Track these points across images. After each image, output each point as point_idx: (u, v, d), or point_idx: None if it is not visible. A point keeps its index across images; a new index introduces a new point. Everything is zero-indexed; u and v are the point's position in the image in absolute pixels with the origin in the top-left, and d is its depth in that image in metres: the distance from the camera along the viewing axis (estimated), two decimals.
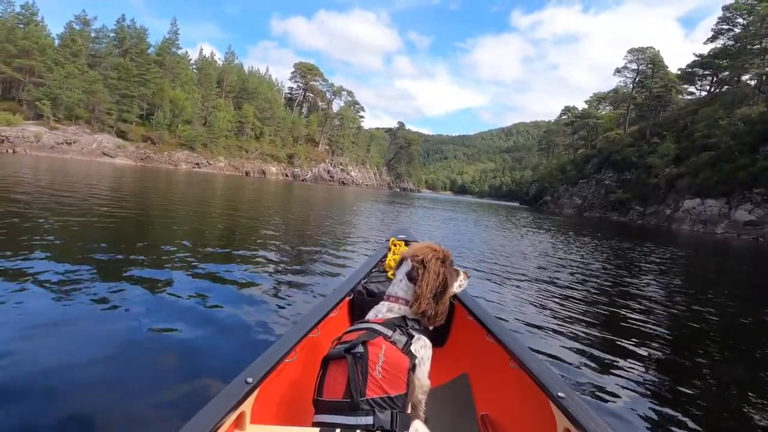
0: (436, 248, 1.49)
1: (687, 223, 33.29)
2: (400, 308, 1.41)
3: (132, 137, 48.21)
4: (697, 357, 3.51)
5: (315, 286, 4.35)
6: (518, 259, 8.04)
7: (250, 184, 31.74)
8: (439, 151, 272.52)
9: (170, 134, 52.91)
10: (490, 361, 1.80)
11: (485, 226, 16.92)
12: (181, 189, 18.19)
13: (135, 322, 2.86)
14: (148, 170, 34.56)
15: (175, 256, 4.93)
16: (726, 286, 8.04)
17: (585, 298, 5.22)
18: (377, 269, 2.47)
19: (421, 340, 1.35)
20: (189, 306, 3.30)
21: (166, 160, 49.00)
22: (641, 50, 52.34)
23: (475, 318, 1.90)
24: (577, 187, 55.16)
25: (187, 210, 10.42)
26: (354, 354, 1.20)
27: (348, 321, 2.16)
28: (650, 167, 43.02)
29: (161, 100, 52.36)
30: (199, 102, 60.13)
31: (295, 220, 11.11)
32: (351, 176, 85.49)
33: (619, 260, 9.60)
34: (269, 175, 63.85)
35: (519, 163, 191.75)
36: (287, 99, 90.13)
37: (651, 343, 3.66)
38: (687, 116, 44.82)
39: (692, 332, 4.28)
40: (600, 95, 68.04)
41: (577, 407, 1.17)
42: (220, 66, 72.10)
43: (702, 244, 20.29)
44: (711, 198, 32.99)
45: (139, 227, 7.07)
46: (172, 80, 56.51)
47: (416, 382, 1.32)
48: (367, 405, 1.13)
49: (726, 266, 11.77)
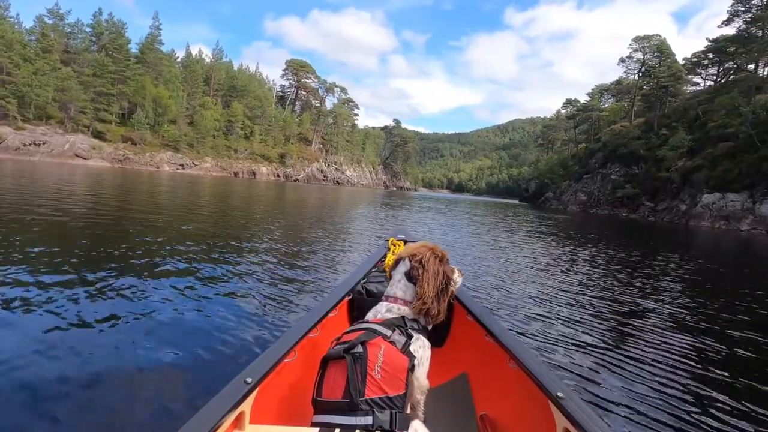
0: (433, 247, 1.49)
1: (707, 220, 30.82)
2: (399, 308, 1.41)
3: (110, 138, 45.35)
4: (697, 356, 3.42)
5: (301, 295, 4.10)
6: (534, 269, 7.13)
7: (237, 186, 29.74)
8: (436, 150, 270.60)
9: (153, 134, 50.06)
10: (489, 361, 1.80)
11: (494, 236, 14.42)
12: (157, 192, 16.40)
13: (130, 327, 2.86)
14: (126, 172, 32.24)
15: (164, 260, 4.79)
16: (747, 287, 7.17)
17: (589, 297, 5.15)
18: (377, 269, 2.46)
19: (420, 340, 1.35)
20: (185, 309, 3.30)
21: (147, 161, 46.13)
22: (647, 38, 49.79)
23: (474, 318, 1.90)
24: (582, 183, 52.83)
25: (170, 215, 9.70)
26: (353, 354, 1.19)
27: (347, 321, 2.14)
28: (661, 160, 40.61)
29: (143, 98, 49.47)
30: (185, 100, 57.31)
31: (286, 225, 10.08)
32: (346, 176, 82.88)
33: (644, 267, 8.31)
34: (260, 176, 61.30)
35: (515, 159, 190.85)
36: (279, 97, 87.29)
37: (651, 343, 3.62)
38: (698, 106, 42.43)
39: (692, 333, 4.06)
40: (602, 87, 65.56)
41: (576, 407, 1.17)
42: (208, 64, 69.23)
43: (723, 242, 18.70)
44: (732, 192, 30.55)
45: (120, 232, 6.72)
46: (155, 78, 53.65)
47: (415, 382, 1.33)
48: (366, 405, 1.12)
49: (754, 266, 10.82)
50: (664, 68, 48.11)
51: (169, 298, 3.49)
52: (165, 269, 4.43)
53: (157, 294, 3.59)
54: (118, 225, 7.37)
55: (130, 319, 2.96)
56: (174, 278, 4.11)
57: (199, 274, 4.39)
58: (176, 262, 4.79)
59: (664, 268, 8.23)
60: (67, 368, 2.21)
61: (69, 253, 4.67)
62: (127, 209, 9.98)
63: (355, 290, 2.17)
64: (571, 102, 69.05)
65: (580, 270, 7.16)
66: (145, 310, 3.17)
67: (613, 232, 18.89)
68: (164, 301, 3.44)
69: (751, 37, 39.50)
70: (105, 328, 2.78)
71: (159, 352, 2.51)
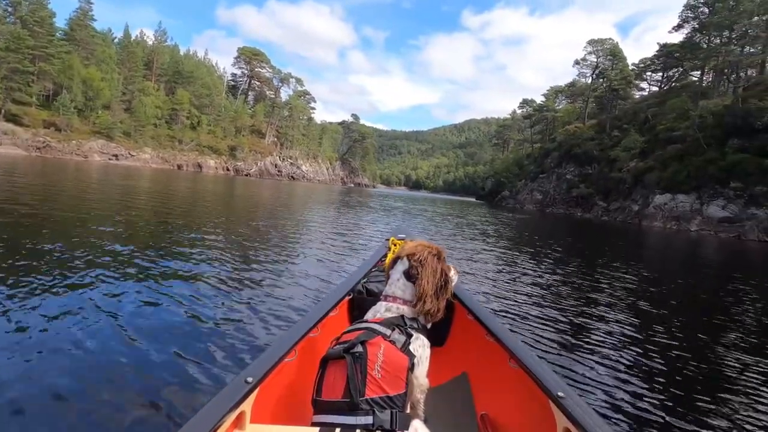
0: (429, 245, 1.49)
1: (659, 220, 31.50)
2: (399, 308, 1.40)
3: (29, 123, 39.77)
4: (697, 357, 3.48)
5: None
6: (502, 266, 7.32)
7: (177, 179, 26.79)
8: (394, 147, 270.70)
9: (82, 120, 44.72)
10: (489, 361, 1.79)
11: (457, 232, 13.27)
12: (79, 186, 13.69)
13: (129, 327, 2.79)
14: (46, 162, 27.95)
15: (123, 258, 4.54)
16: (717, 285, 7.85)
17: (582, 299, 5.22)
18: (377, 269, 2.44)
19: (419, 340, 1.34)
20: (182, 310, 3.23)
21: (73, 150, 40.98)
22: (600, 41, 51.13)
23: (474, 317, 1.89)
24: (537, 182, 53.55)
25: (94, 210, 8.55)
26: (353, 354, 1.18)
27: (348, 320, 2.13)
28: (614, 161, 41.56)
29: (70, 79, 44.02)
30: (121, 84, 51.90)
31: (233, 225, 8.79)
32: (301, 171, 79.71)
33: (613, 262, 9.11)
34: (207, 169, 57.09)
35: (471, 158, 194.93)
36: (230, 87, 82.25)
37: (650, 344, 3.69)
38: (648, 109, 43.89)
39: (691, 334, 4.19)
40: (557, 88, 66.98)
41: (576, 407, 1.17)
42: (150, 46, 63.43)
43: (675, 242, 19.22)
44: (682, 193, 31.40)
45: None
46: (85, 58, 48.04)
47: (415, 381, 1.31)
48: (367, 405, 1.12)
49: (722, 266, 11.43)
50: (617, 71, 49.49)
51: (168, 299, 3.43)
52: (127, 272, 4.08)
53: (156, 294, 3.52)
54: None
55: (127, 320, 2.89)
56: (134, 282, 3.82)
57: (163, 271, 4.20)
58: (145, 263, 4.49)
59: (631, 269, 8.28)
60: (64, 370, 2.18)
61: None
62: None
63: (355, 290, 2.16)
64: (527, 102, 70.17)
65: (550, 267, 7.33)
66: (145, 309, 3.12)
67: (580, 233, 18.71)
68: (164, 301, 3.38)
69: (698, 45, 41.26)
70: (103, 329, 2.72)
71: (159, 353, 2.48)
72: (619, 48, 50.68)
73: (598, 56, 52.06)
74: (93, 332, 2.65)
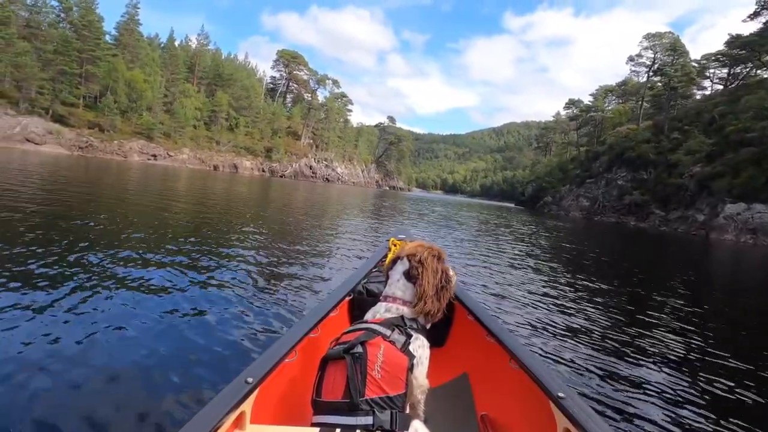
0: (430, 246, 1.49)
1: (731, 232, 27.70)
2: (398, 308, 1.40)
3: (75, 123, 40.98)
4: (697, 357, 3.45)
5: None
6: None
7: (214, 180, 26.47)
8: (430, 150, 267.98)
9: (125, 121, 45.83)
10: (490, 361, 1.80)
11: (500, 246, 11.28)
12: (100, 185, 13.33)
13: (129, 326, 2.77)
14: (86, 161, 28.35)
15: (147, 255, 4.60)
16: None
17: (591, 302, 5.09)
18: (377, 269, 2.43)
19: (419, 340, 1.35)
20: (183, 310, 3.20)
21: (114, 149, 41.88)
22: (659, 35, 46.74)
23: (475, 318, 1.90)
24: (584, 188, 49.76)
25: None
26: (353, 354, 1.19)
27: (348, 321, 2.13)
28: (673, 165, 37.59)
29: (115, 81, 45.23)
30: (163, 86, 53.07)
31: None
32: (336, 173, 79.07)
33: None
34: (242, 170, 57.38)
35: (510, 162, 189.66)
36: (269, 89, 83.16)
37: (650, 344, 3.67)
38: (714, 108, 39.47)
39: (692, 334, 4.12)
40: (607, 88, 62.40)
41: (577, 407, 1.17)
42: (193, 50, 64.94)
43: (753, 258, 16.79)
44: (759, 202, 27.50)
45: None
46: (130, 61, 49.42)
47: (414, 382, 1.31)
48: (367, 405, 1.12)
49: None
50: (677, 67, 45.08)
51: (165, 299, 3.41)
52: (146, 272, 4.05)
53: (154, 294, 3.50)
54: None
55: (126, 321, 2.86)
56: (165, 277, 3.94)
57: (183, 271, 4.23)
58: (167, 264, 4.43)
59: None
60: (64, 371, 2.15)
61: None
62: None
63: (355, 290, 2.15)
64: (573, 102, 65.81)
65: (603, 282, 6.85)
66: (143, 310, 3.09)
67: (644, 245, 16.23)
68: (162, 301, 3.36)
69: None
70: (102, 329, 2.68)
71: (159, 353, 2.46)
72: (680, 42, 46.13)
73: (655, 51, 47.68)
74: (97, 331, 2.63)
